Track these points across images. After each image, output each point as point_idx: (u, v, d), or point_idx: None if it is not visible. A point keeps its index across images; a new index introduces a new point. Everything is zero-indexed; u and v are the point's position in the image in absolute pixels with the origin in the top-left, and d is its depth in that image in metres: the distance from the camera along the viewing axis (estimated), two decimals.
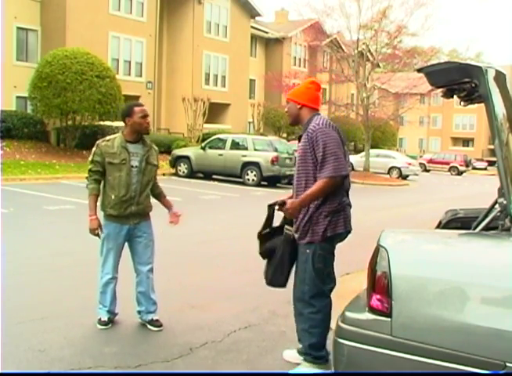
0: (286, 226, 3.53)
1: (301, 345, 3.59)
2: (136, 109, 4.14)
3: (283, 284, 3.59)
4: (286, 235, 3.51)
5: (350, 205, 3.52)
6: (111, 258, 4.22)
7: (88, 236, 4.20)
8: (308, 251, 3.40)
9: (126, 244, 4.31)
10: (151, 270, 4.34)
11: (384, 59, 28.89)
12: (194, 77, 28.24)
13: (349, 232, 3.51)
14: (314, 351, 3.47)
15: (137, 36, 24.63)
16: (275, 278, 3.56)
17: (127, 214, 4.16)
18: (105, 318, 4.22)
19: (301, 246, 3.45)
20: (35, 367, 3.49)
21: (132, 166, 4.14)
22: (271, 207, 3.58)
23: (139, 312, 4.34)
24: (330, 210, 3.34)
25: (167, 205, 4.49)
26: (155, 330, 4.23)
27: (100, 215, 4.21)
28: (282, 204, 3.37)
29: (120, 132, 4.24)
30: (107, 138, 4.23)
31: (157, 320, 4.30)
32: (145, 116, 4.14)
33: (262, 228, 3.63)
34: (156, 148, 4.43)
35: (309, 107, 3.54)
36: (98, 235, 4.16)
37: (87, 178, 4.21)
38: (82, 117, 19.73)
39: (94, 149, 4.18)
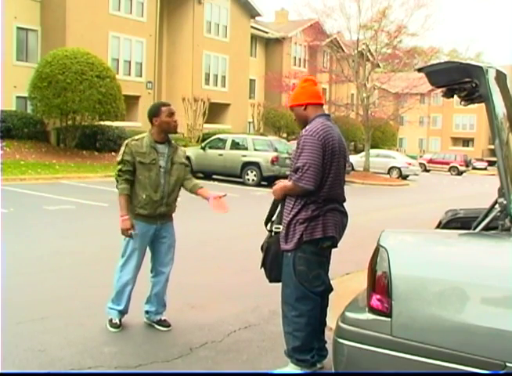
0: (276, 225, 3.56)
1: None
2: (163, 108, 4.13)
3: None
4: (276, 233, 3.54)
5: (338, 210, 3.47)
6: (135, 258, 4.17)
7: (88, 236, 4.20)
8: (289, 254, 3.43)
9: None
10: (170, 272, 4.33)
11: (384, 59, 28.92)
12: (194, 77, 28.25)
13: (333, 237, 3.44)
14: (297, 354, 3.45)
15: (137, 36, 24.64)
16: (274, 274, 3.58)
17: (156, 214, 4.13)
18: (117, 320, 4.19)
19: (283, 250, 3.48)
20: (35, 367, 3.48)
21: (160, 166, 4.12)
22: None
23: (147, 312, 4.33)
24: (306, 217, 3.36)
25: (205, 195, 4.21)
26: (164, 330, 4.23)
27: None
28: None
29: (147, 132, 4.21)
30: (136, 137, 4.18)
31: (165, 320, 4.30)
32: (172, 114, 4.13)
33: (268, 214, 3.65)
34: (183, 148, 4.37)
35: (313, 104, 3.53)
36: (130, 235, 4.06)
37: (116, 178, 4.13)
38: (82, 117, 19.75)
39: (123, 148, 4.11)
